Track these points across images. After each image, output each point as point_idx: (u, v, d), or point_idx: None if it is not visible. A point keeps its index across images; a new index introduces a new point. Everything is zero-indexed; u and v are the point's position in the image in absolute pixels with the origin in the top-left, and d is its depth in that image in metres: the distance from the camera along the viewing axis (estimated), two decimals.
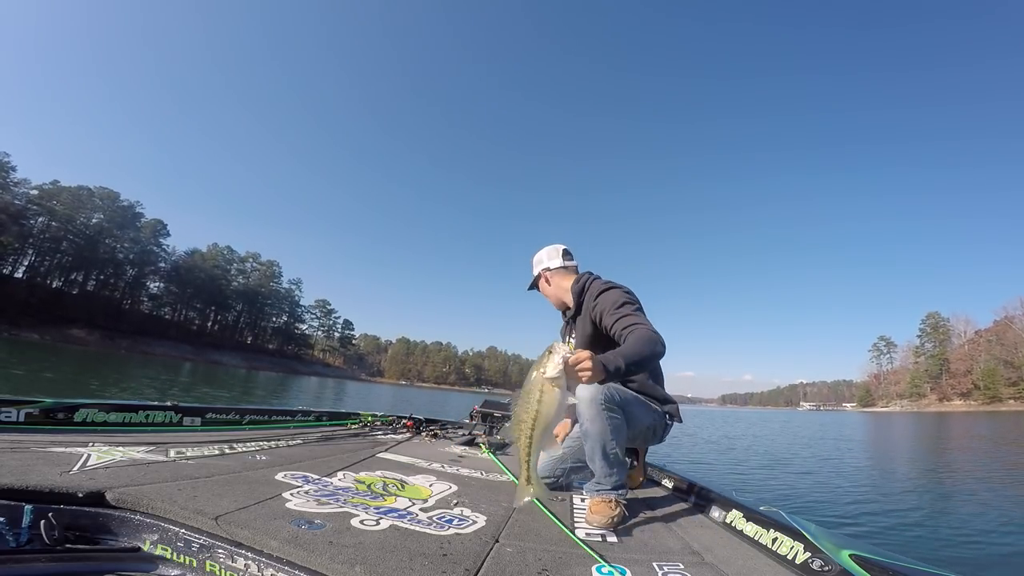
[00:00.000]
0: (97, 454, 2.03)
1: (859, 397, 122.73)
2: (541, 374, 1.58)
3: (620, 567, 1.44)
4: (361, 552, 1.30)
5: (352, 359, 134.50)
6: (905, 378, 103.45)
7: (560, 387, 1.57)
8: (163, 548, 1.38)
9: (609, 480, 2.10)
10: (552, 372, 1.56)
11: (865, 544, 1.52)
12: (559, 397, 1.57)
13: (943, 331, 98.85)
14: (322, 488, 1.95)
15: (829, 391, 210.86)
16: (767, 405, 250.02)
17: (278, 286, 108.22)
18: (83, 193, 75.52)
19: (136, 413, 3.03)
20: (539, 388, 1.57)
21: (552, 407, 1.57)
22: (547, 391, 1.56)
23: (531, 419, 1.57)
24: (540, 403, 1.57)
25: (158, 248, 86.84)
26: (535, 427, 1.57)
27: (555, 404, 1.57)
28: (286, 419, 3.99)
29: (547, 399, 1.57)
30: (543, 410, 1.57)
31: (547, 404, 1.57)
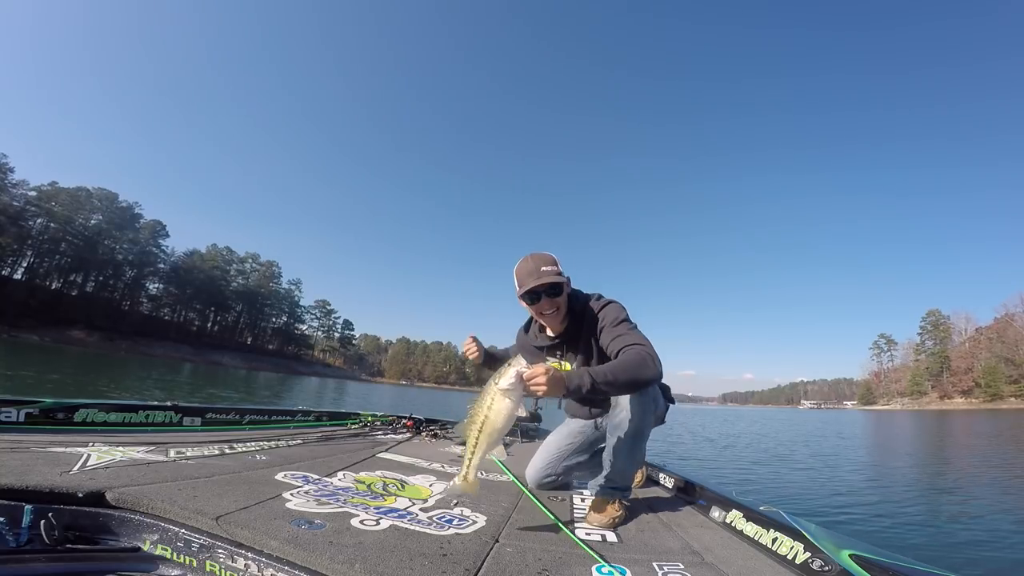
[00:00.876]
0: (97, 454, 2.03)
1: (860, 395, 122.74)
2: (494, 385, 1.66)
3: (620, 567, 1.44)
4: (361, 552, 1.30)
5: (352, 359, 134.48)
6: (906, 376, 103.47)
7: (511, 399, 1.65)
8: (163, 548, 1.38)
9: (623, 480, 2.13)
10: (503, 384, 1.64)
11: (865, 544, 1.52)
12: (508, 407, 1.65)
13: (944, 329, 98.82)
14: (322, 488, 1.96)
15: (830, 389, 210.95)
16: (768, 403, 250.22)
17: (278, 286, 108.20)
18: (82, 194, 75.50)
19: (136, 413, 3.03)
20: (491, 396, 1.66)
21: (500, 416, 1.66)
22: (497, 399, 1.65)
23: (479, 423, 1.67)
24: (490, 410, 1.66)
25: (157, 249, 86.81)
26: (482, 431, 1.67)
27: (503, 413, 1.66)
28: (286, 419, 3.99)
29: (496, 407, 1.65)
30: (491, 417, 1.66)
31: (495, 412, 1.65)
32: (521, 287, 2.19)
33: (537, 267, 2.18)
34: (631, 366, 1.88)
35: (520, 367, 1.66)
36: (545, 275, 2.15)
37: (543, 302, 2.19)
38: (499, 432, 1.70)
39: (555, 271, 2.18)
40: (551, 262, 2.21)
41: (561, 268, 2.23)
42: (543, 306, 2.20)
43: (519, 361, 1.68)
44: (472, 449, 1.70)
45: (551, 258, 2.23)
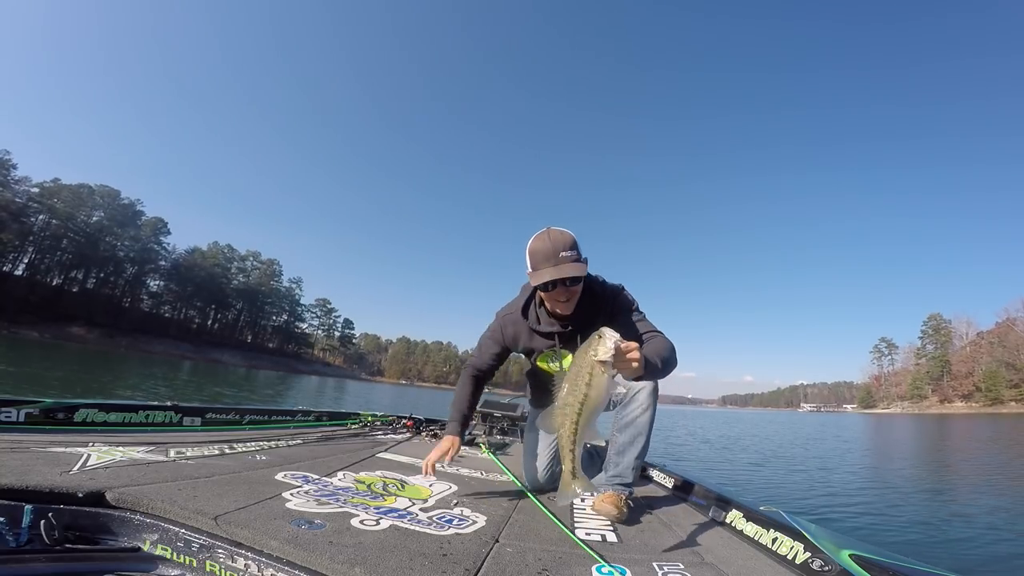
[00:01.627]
0: (97, 454, 2.02)
1: (860, 398, 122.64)
2: (592, 356, 1.47)
3: (620, 567, 1.44)
4: (361, 552, 1.30)
5: (352, 358, 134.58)
6: (906, 380, 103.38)
7: (609, 372, 1.47)
8: (163, 548, 1.38)
9: (631, 474, 2.14)
10: (603, 355, 1.45)
11: (865, 544, 1.52)
12: (608, 382, 1.47)
13: (945, 333, 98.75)
14: (322, 488, 1.95)
15: (830, 392, 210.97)
16: (767, 406, 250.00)
17: (278, 285, 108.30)
18: (83, 191, 75.61)
19: (136, 413, 3.03)
20: (589, 371, 1.46)
21: (601, 392, 1.47)
22: (597, 375, 1.45)
23: (579, 404, 1.46)
24: (589, 387, 1.46)
25: (158, 246, 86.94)
26: (582, 413, 1.47)
27: (604, 389, 1.47)
28: (286, 419, 3.99)
29: (596, 383, 1.46)
30: (592, 394, 1.46)
31: (596, 388, 1.46)
32: (535, 272, 1.97)
33: (556, 251, 1.93)
34: (670, 352, 1.91)
35: (616, 337, 1.48)
36: (564, 263, 1.93)
37: (558, 290, 1.99)
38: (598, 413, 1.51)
39: (575, 256, 1.96)
40: (571, 244, 1.96)
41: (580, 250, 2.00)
42: (557, 294, 2.01)
43: (611, 333, 1.49)
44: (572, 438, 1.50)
45: (571, 239, 1.98)
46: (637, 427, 2.12)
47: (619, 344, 1.47)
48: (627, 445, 2.15)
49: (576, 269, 1.94)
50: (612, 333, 1.49)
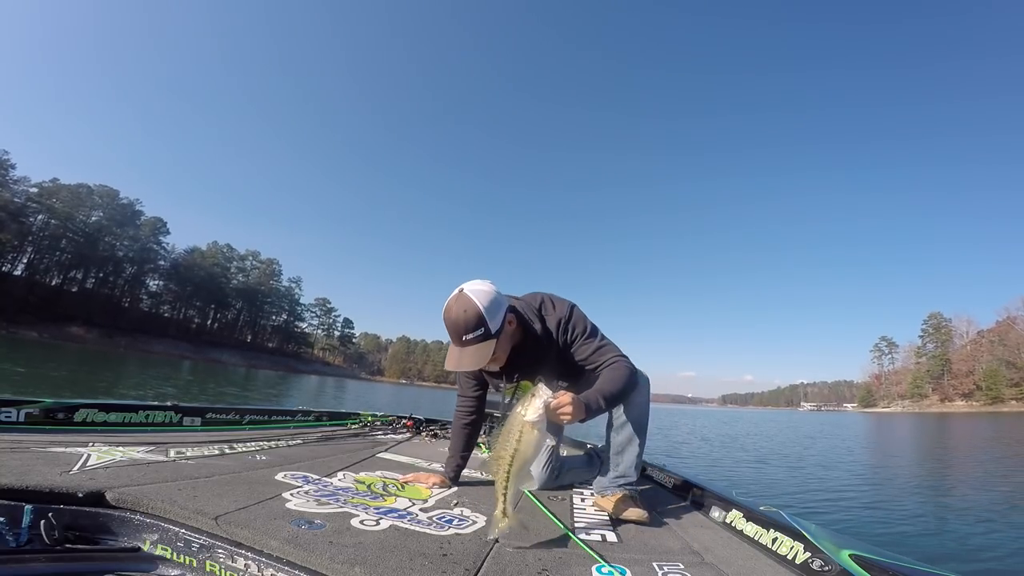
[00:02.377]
0: (97, 454, 2.03)
1: (860, 397, 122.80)
2: (521, 416, 1.62)
3: (620, 567, 1.44)
4: (361, 552, 1.30)
5: (352, 358, 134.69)
6: (907, 379, 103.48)
7: (539, 429, 1.62)
8: (163, 548, 1.38)
9: (634, 473, 2.16)
10: (532, 416, 1.61)
11: (865, 544, 1.52)
12: (538, 438, 1.63)
13: (945, 331, 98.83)
14: (322, 488, 1.95)
15: (830, 391, 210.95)
16: (768, 405, 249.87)
17: (278, 284, 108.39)
18: (82, 191, 75.64)
19: (136, 413, 3.03)
20: (519, 429, 1.61)
21: (530, 448, 1.62)
22: (526, 432, 1.61)
23: (509, 457, 1.62)
24: (519, 443, 1.61)
25: (157, 246, 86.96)
26: (512, 465, 1.61)
27: (533, 445, 1.63)
28: (286, 419, 3.99)
29: (526, 439, 1.61)
30: (522, 449, 1.61)
31: (525, 444, 1.61)
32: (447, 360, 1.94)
33: (459, 333, 1.85)
34: (622, 379, 2.00)
35: (546, 397, 1.65)
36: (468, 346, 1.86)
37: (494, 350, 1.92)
38: (529, 464, 1.68)
39: (480, 335, 1.85)
40: (474, 323, 1.83)
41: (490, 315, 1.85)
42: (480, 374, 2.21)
43: (543, 390, 1.67)
44: (504, 484, 1.64)
45: (475, 312, 1.83)
46: (632, 425, 2.15)
47: (549, 403, 1.64)
48: (625, 444, 2.16)
49: (476, 359, 1.87)
50: (545, 391, 1.65)
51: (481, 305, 1.84)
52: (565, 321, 2.11)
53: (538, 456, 1.76)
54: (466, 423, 2.41)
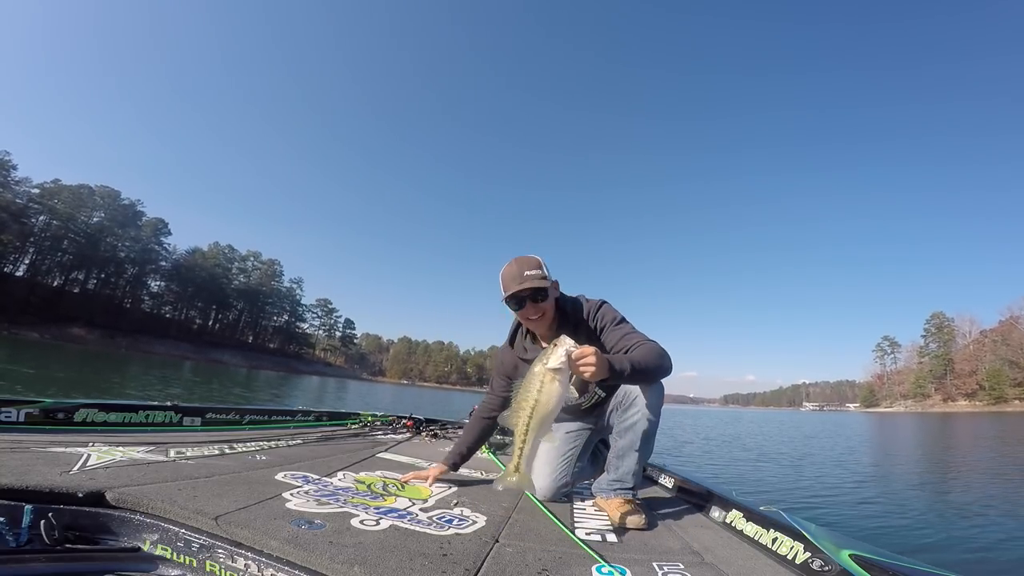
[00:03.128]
0: (97, 454, 2.03)
1: (862, 397, 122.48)
2: (544, 365, 1.59)
3: (620, 567, 1.44)
4: (361, 552, 1.30)
5: (354, 358, 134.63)
6: (909, 378, 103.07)
7: (561, 380, 1.58)
8: (163, 548, 1.38)
9: (631, 479, 2.12)
10: (554, 363, 1.57)
11: (865, 544, 1.52)
12: (559, 389, 1.58)
13: (948, 331, 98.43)
14: (322, 488, 1.96)
15: (832, 391, 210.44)
16: (769, 405, 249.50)
17: (279, 285, 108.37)
18: (84, 192, 75.74)
19: (136, 413, 3.03)
20: (540, 379, 1.58)
21: (551, 398, 1.58)
22: (547, 382, 1.57)
23: (530, 408, 1.59)
24: (540, 393, 1.58)
25: (159, 247, 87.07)
26: (532, 416, 1.59)
27: (554, 396, 1.58)
28: (286, 419, 4.00)
29: (547, 389, 1.57)
30: (542, 400, 1.58)
31: (546, 395, 1.57)
32: (505, 291, 2.12)
33: (521, 271, 2.09)
34: (656, 357, 1.95)
35: (568, 346, 1.60)
36: (528, 279, 2.07)
37: (527, 307, 2.10)
38: (550, 417, 1.63)
39: (540, 275, 2.09)
40: (536, 265, 2.12)
41: (548, 271, 2.14)
42: (528, 311, 2.12)
43: (565, 340, 1.62)
44: (523, 438, 1.61)
45: (536, 261, 2.14)
46: (635, 432, 2.09)
47: (571, 352, 1.59)
48: (626, 450, 2.12)
49: (538, 281, 2.07)
50: (567, 341, 1.61)
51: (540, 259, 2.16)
52: (596, 309, 2.21)
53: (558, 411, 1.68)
54: (486, 417, 2.42)
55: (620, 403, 2.17)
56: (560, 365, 1.57)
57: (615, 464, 2.15)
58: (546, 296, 2.11)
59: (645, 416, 2.06)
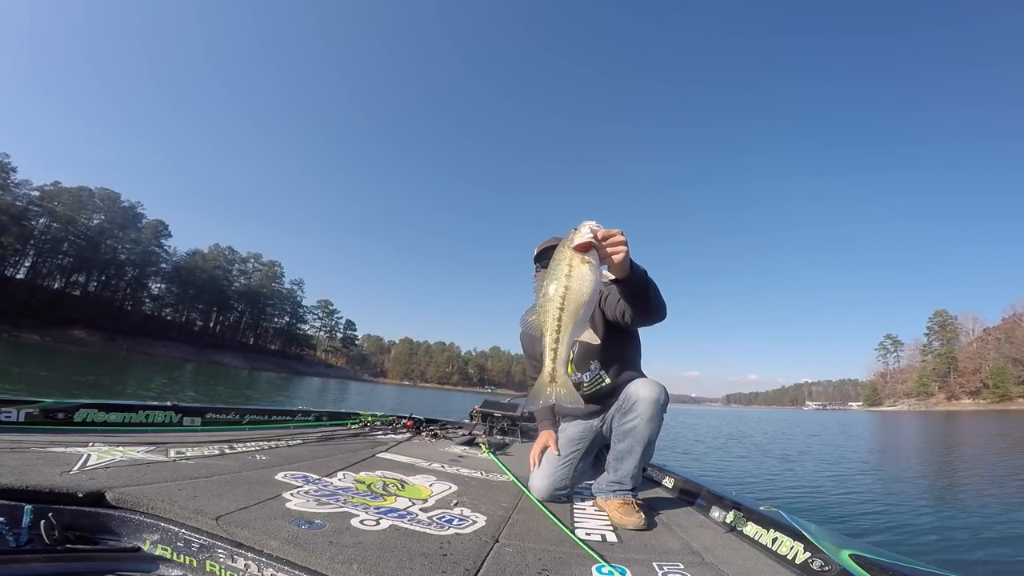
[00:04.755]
0: (97, 454, 2.03)
1: (865, 396, 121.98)
2: (569, 244, 1.36)
3: (620, 567, 1.44)
4: (361, 552, 1.30)
5: (355, 360, 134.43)
6: (912, 377, 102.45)
7: (591, 262, 1.35)
8: (163, 548, 1.38)
9: (630, 481, 2.12)
10: (580, 239, 1.33)
11: (865, 544, 1.52)
12: (591, 272, 1.34)
13: (951, 329, 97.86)
14: (322, 488, 1.96)
15: (834, 390, 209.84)
16: (772, 405, 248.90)
17: (280, 287, 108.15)
18: (84, 194, 75.63)
19: (136, 413, 3.03)
20: (568, 262, 1.34)
21: (584, 283, 1.33)
22: (576, 264, 1.34)
23: (560, 297, 1.34)
24: (570, 278, 1.33)
25: (159, 249, 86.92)
26: (564, 307, 1.33)
27: (587, 280, 1.33)
28: (286, 419, 3.99)
29: (577, 273, 1.33)
30: (574, 286, 1.33)
31: (578, 279, 1.33)
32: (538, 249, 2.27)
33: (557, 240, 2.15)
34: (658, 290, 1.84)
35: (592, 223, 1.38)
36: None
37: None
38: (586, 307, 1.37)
39: None
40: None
41: None
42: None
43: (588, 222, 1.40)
44: (555, 336, 1.35)
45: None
46: (635, 437, 2.07)
47: (597, 229, 1.37)
48: (625, 453, 2.11)
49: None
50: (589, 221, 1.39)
51: None
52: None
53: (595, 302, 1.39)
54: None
55: (621, 406, 2.16)
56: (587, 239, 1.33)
57: (615, 466, 2.15)
58: None
59: (646, 420, 2.05)
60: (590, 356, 2.26)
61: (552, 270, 1.38)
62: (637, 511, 2.01)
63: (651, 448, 2.13)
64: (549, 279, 1.37)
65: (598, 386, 2.30)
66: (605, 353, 2.24)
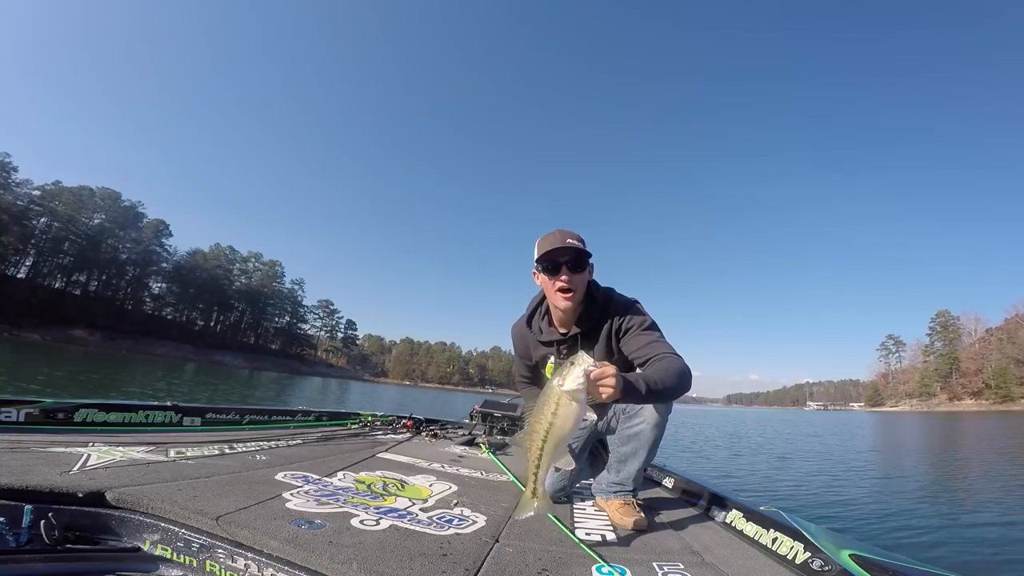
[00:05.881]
0: (97, 454, 2.03)
1: (867, 396, 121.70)
2: (559, 386, 1.45)
3: (620, 567, 1.44)
4: (361, 552, 1.30)
5: (356, 359, 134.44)
6: (914, 377, 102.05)
7: (578, 401, 1.45)
8: (163, 548, 1.39)
9: (631, 483, 2.12)
10: (571, 385, 1.43)
11: (865, 544, 1.52)
12: (576, 411, 1.45)
13: (953, 329, 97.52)
14: (322, 488, 1.96)
15: (836, 391, 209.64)
16: (773, 405, 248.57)
17: (280, 286, 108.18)
18: (85, 193, 75.71)
19: (136, 413, 3.03)
20: (555, 400, 1.45)
21: (568, 421, 1.45)
22: (563, 404, 1.44)
23: (544, 431, 1.45)
24: (555, 416, 1.44)
25: (160, 248, 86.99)
26: (547, 440, 1.46)
27: (571, 418, 1.45)
28: (286, 419, 3.99)
29: (563, 412, 1.44)
30: (557, 423, 1.45)
31: (562, 417, 1.44)
32: (540, 251, 1.98)
33: (563, 237, 1.96)
34: (674, 376, 1.77)
35: (587, 365, 1.45)
36: (570, 244, 1.95)
37: (562, 273, 1.95)
38: (566, 440, 1.50)
39: (579, 245, 1.97)
40: (577, 237, 1.99)
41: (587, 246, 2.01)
42: (560, 279, 1.96)
43: (583, 359, 1.47)
44: (536, 462, 1.48)
45: (577, 235, 2.01)
46: (640, 441, 2.06)
47: (590, 372, 1.45)
48: (629, 456, 2.10)
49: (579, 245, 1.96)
50: (585, 360, 1.47)
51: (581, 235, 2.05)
52: (625, 307, 2.05)
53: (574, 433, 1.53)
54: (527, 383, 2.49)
55: (625, 409, 2.15)
56: (577, 386, 1.43)
57: (617, 468, 2.15)
58: (584, 267, 1.99)
59: (651, 426, 2.03)
60: None
61: (541, 403, 1.49)
62: (637, 511, 2.01)
63: (655, 451, 2.12)
64: (537, 411, 1.48)
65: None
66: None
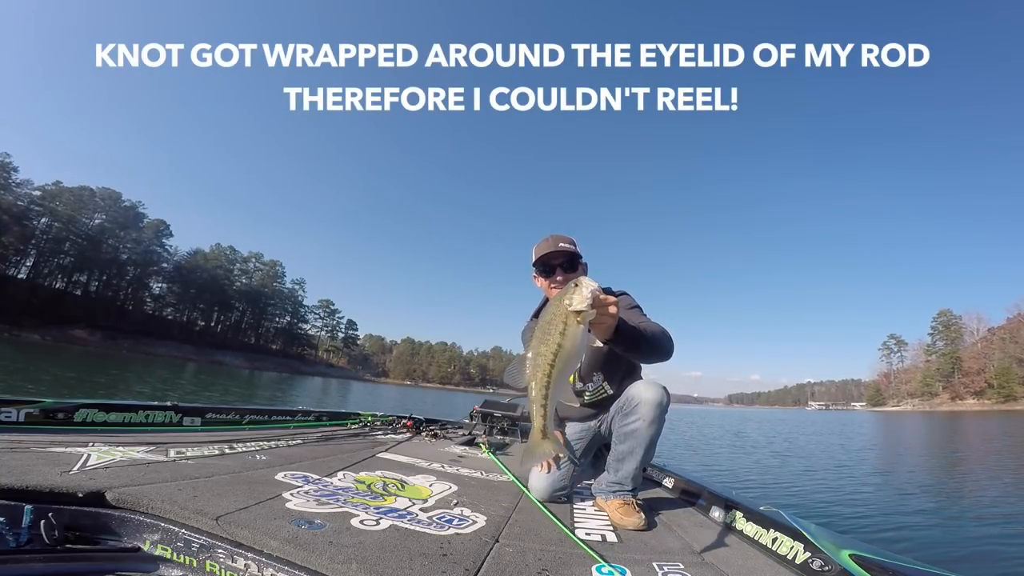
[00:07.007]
0: (97, 454, 2.03)
1: (868, 396, 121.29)
2: (567, 306, 1.34)
3: (620, 567, 1.44)
4: (361, 552, 1.30)
5: (356, 359, 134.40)
6: (916, 377, 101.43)
7: (585, 323, 1.35)
8: (163, 548, 1.39)
9: (630, 483, 2.12)
10: (579, 304, 1.32)
11: (865, 544, 1.52)
12: (584, 333, 1.35)
13: (955, 329, 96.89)
14: (322, 488, 1.96)
15: (837, 391, 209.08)
16: (774, 405, 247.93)
17: (281, 286, 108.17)
18: (85, 193, 75.70)
19: (136, 413, 3.03)
20: (563, 320, 1.33)
21: (576, 343, 1.33)
22: (571, 325, 1.33)
23: (552, 354, 1.33)
24: (563, 336, 1.32)
25: (161, 248, 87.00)
26: (555, 364, 1.33)
27: (578, 341, 1.34)
28: (286, 419, 4.00)
29: (571, 332, 1.33)
30: (566, 345, 1.33)
31: (571, 339, 1.33)
32: (536, 255, 2.28)
33: (556, 241, 2.27)
34: (660, 333, 1.91)
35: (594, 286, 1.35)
36: (562, 247, 2.25)
37: (557, 274, 2.27)
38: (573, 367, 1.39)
39: (571, 249, 2.27)
40: (570, 241, 2.30)
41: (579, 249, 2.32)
42: (556, 280, 2.26)
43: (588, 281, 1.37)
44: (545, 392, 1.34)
45: (570, 238, 2.31)
46: (637, 439, 2.07)
47: (598, 294, 1.36)
48: (626, 455, 2.11)
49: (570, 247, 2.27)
50: (591, 282, 1.38)
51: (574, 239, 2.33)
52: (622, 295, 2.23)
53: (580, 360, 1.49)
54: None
55: (621, 408, 2.16)
56: (585, 307, 1.32)
57: (615, 467, 2.15)
58: (576, 268, 2.29)
59: (647, 423, 2.04)
60: (594, 368, 2.28)
61: (544, 327, 1.37)
62: (637, 511, 2.01)
63: (652, 450, 2.13)
64: (540, 335, 1.37)
65: (600, 395, 2.34)
66: (608, 364, 2.26)
